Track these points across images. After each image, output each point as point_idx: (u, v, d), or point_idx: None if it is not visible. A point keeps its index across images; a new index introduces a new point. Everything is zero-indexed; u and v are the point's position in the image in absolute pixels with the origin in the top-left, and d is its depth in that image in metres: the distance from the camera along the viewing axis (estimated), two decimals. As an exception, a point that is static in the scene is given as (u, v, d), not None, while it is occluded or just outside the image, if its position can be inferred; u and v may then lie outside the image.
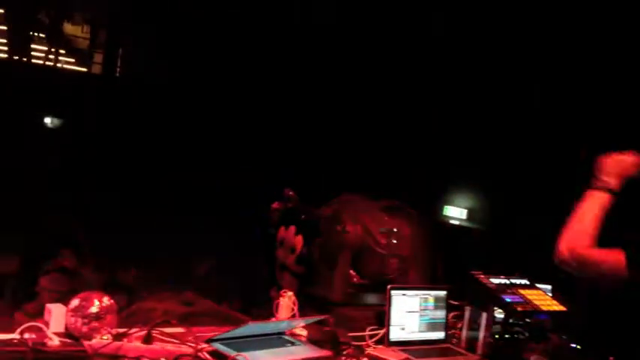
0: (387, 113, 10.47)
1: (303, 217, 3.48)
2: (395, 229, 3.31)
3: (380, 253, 3.26)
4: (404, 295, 3.03)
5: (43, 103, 12.34)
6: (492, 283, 3.13)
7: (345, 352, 2.80)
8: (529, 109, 8.58)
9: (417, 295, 3.06)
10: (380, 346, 2.92)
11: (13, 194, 9.25)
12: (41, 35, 13.41)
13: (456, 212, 10.03)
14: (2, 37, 12.77)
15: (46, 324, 2.54)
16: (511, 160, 8.37)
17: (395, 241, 3.33)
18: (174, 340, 2.57)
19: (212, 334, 2.71)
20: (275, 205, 3.63)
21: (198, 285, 7.16)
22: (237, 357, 2.45)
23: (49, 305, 2.67)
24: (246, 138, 11.80)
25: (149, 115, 12.13)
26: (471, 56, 9.30)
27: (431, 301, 3.09)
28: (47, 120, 13.11)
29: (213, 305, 3.60)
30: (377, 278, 3.28)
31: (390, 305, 2.97)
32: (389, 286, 3.02)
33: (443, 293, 3.15)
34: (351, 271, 3.31)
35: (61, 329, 2.55)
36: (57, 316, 2.59)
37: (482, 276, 3.18)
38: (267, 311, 3.35)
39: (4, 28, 12.91)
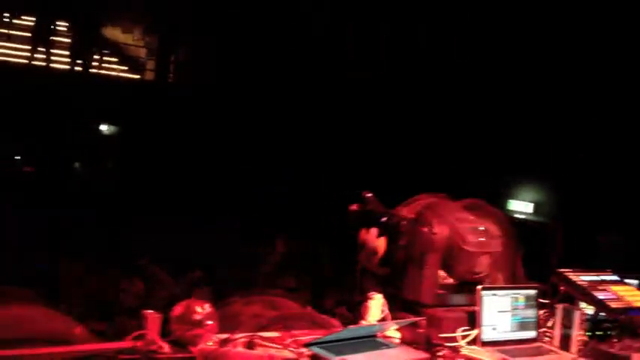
0: (440, 107, 10.41)
1: (383, 219, 3.48)
2: (483, 227, 3.28)
3: (469, 252, 3.21)
4: (494, 295, 3.03)
5: (99, 111, 12.60)
6: (583, 281, 3.11)
7: (439, 354, 2.81)
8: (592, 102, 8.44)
9: (507, 294, 3.06)
10: (473, 347, 2.93)
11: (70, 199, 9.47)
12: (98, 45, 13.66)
13: (521, 206, 9.81)
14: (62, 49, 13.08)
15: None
16: (578, 151, 8.21)
17: (483, 239, 3.29)
18: (276, 345, 2.62)
19: (307, 337, 2.76)
20: (353, 207, 3.64)
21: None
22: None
23: (145, 312, 2.74)
24: (257, 140, 11.75)
25: (195, 120, 12.21)
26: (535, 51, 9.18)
27: (521, 300, 3.09)
28: (103, 127, 13.40)
29: (299, 308, 3.64)
30: (467, 277, 3.25)
31: (481, 306, 2.98)
32: (479, 287, 3.03)
33: (533, 292, 3.14)
34: (440, 272, 3.30)
35: (157, 336, 2.62)
36: (153, 323, 2.66)
37: (571, 273, 3.16)
38: (352, 314, 3.38)
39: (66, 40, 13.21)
